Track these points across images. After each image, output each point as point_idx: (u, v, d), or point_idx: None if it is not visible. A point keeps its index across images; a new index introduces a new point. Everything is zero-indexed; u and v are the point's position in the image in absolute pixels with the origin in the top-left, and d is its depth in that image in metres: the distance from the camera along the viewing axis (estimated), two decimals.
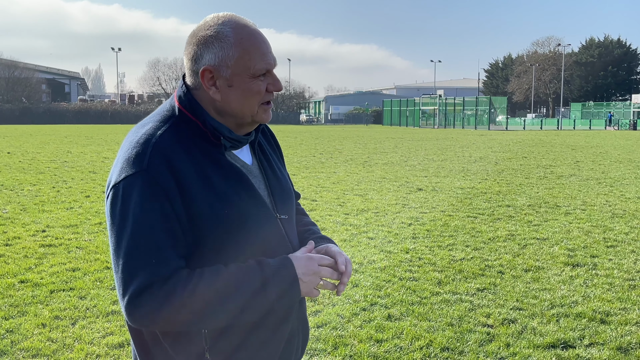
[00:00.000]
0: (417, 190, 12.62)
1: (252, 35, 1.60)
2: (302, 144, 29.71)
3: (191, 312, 1.47)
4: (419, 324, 4.91)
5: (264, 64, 1.60)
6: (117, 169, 1.54)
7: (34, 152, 22.38)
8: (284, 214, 1.72)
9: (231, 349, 1.60)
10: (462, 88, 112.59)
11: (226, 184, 1.58)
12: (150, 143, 1.53)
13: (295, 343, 1.75)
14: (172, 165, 1.51)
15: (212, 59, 1.57)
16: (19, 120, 65.26)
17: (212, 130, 1.59)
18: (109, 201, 1.53)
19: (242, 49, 1.57)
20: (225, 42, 1.57)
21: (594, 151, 25.03)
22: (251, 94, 1.59)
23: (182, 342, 1.57)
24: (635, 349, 4.48)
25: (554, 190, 12.62)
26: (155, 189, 1.49)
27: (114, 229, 1.50)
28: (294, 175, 15.36)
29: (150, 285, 1.45)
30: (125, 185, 1.50)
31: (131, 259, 1.47)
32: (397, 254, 7.11)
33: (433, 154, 23.02)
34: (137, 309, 1.46)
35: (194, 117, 1.60)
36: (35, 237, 7.95)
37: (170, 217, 1.50)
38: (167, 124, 1.60)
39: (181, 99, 1.63)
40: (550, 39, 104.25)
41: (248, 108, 1.61)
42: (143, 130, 1.58)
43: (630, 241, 7.88)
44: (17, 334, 4.67)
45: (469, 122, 64.64)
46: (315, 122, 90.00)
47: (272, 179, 1.73)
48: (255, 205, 1.62)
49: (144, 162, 1.50)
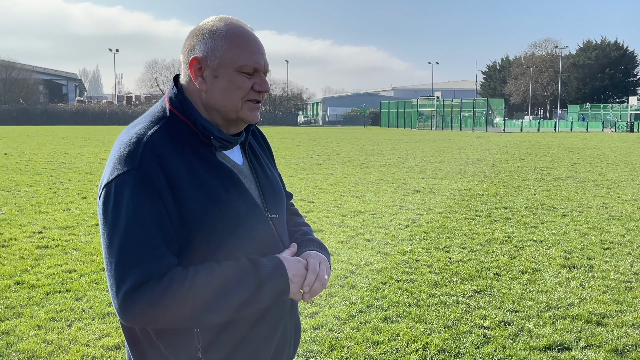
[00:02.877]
0: (414, 192, 12.63)
1: (245, 34, 1.64)
2: (299, 146, 29.71)
3: (186, 309, 1.48)
4: (416, 326, 4.91)
5: (252, 62, 1.62)
6: (109, 168, 1.56)
7: (31, 153, 22.34)
8: (275, 214, 1.74)
9: (225, 348, 1.61)
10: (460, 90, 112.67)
11: (217, 184, 1.60)
12: (142, 142, 1.55)
13: (288, 342, 1.77)
14: (164, 164, 1.53)
15: (202, 49, 1.61)
16: (16, 121, 65.17)
17: (202, 130, 1.62)
18: (102, 200, 1.54)
19: (232, 43, 1.61)
20: (217, 34, 1.61)
21: (591, 153, 25.07)
22: (234, 87, 1.62)
23: (175, 341, 1.58)
24: (631, 351, 4.48)
25: (551, 192, 12.64)
26: (147, 187, 1.50)
27: (106, 227, 1.51)
28: (291, 176, 15.37)
29: (146, 281, 1.46)
30: (117, 184, 1.51)
31: (125, 255, 1.47)
32: (394, 256, 7.11)
33: (430, 156, 23.04)
34: (131, 306, 1.46)
35: (185, 117, 1.63)
36: (32, 238, 7.93)
37: (162, 215, 1.51)
38: (158, 124, 1.61)
39: (172, 100, 1.65)
40: (548, 41, 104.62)
41: (231, 102, 1.62)
42: (134, 130, 1.60)
43: (626, 243, 7.89)
44: (13, 336, 4.66)
45: (466, 123, 64.71)
46: (312, 124, 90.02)
47: (262, 179, 1.76)
48: (246, 204, 1.64)
49: (135, 160, 1.52)
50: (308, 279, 1.63)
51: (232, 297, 1.52)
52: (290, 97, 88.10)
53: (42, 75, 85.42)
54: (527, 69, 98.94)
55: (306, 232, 1.88)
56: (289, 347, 1.78)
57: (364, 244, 7.75)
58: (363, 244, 7.79)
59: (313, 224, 9.01)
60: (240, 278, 1.53)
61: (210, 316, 1.51)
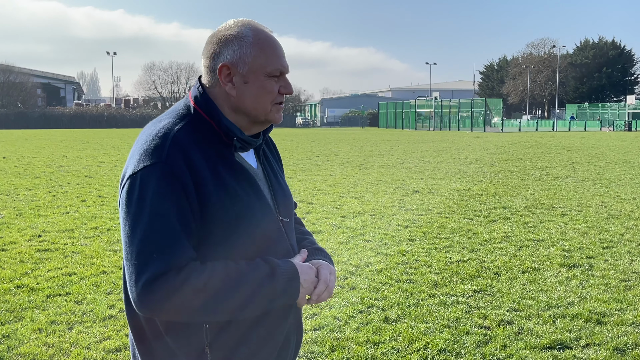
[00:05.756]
0: (413, 193, 12.64)
1: (270, 38, 1.69)
2: (298, 147, 29.71)
3: (201, 304, 1.51)
4: (416, 326, 4.91)
5: (279, 66, 1.68)
6: (135, 159, 1.58)
7: (30, 157, 22.33)
8: (286, 217, 1.80)
9: (231, 345, 1.63)
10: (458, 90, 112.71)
11: (236, 183, 1.64)
12: (169, 137, 1.58)
13: (291, 342, 1.79)
14: (188, 160, 1.56)
15: (230, 55, 1.64)
16: (14, 124, 65.09)
17: (225, 131, 1.65)
18: (125, 190, 1.56)
19: (260, 49, 1.65)
20: (244, 41, 1.65)
21: (589, 152, 25.10)
22: (265, 91, 1.66)
23: (184, 336, 1.61)
24: (631, 349, 4.49)
25: (550, 192, 12.65)
26: (172, 181, 1.53)
27: (129, 217, 1.53)
28: (290, 178, 15.37)
29: (166, 272, 1.48)
30: (143, 175, 1.53)
31: (147, 246, 1.49)
32: (394, 257, 7.11)
33: (429, 156, 23.05)
34: (149, 296, 1.48)
35: (209, 117, 1.66)
36: (31, 242, 7.93)
37: (185, 209, 1.54)
38: (183, 121, 1.65)
39: (197, 99, 1.68)
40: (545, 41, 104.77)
41: (261, 106, 1.67)
42: (160, 125, 1.63)
43: (625, 242, 7.91)
44: (14, 339, 4.66)
45: (464, 124, 64.71)
46: (311, 125, 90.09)
47: (275, 183, 1.80)
48: (261, 206, 1.68)
49: (162, 154, 1.55)
50: (319, 288, 1.69)
51: (246, 296, 1.55)
52: (288, 99, 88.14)
53: (39, 78, 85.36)
54: (524, 69, 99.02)
55: (313, 242, 1.93)
56: (292, 347, 1.80)
57: (364, 245, 7.76)
58: (363, 244, 7.79)
59: (312, 225, 9.01)
60: (256, 278, 1.57)
61: (223, 312, 1.55)
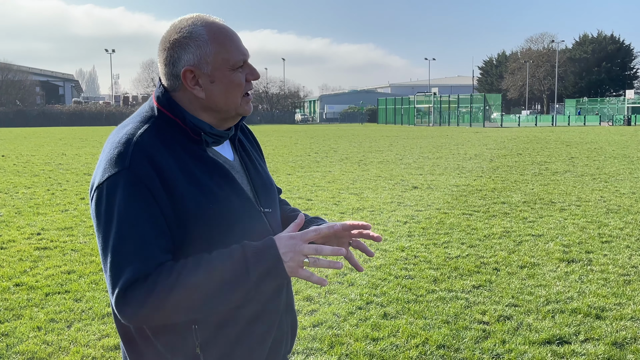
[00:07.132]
0: (412, 189, 12.64)
1: (224, 29, 1.64)
2: (297, 144, 29.70)
3: (178, 303, 1.47)
4: (415, 322, 4.91)
5: (240, 55, 1.63)
6: (100, 169, 1.56)
7: (29, 155, 22.31)
8: (268, 208, 1.75)
9: (222, 345, 1.61)
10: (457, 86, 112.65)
11: (210, 180, 1.60)
12: (132, 142, 1.55)
13: (285, 337, 1.77)
14: (155, 162, 1.53)
15: (190, 59, 1.60)
16: (13, 123, 64.98)
17: (192, 127, 1.62)
18: (94, 202, 1.55)
19: (218, 44, 1.61)
20: (200, 40, 1.60)
21: (588, 147, 25.10)
22: (233, 85, 1.63)
23: (173, 339, 1.58)
24: (630, 343, 4.49)
25: (549, 187, 12.65)
26: (138, 187, 1.50)
27: (100, 229, 1.52)
28: (289, 174, 15.37)
29: (135, 281, 1.46)
30: (108, 185, 1.51)
31: (117, 256, 1.48)
32: (393, 252, 7.11)
33: (428, 152, 23.04)
34: (124, 306, 1.47)
35: (173, 115, 1.63)
36: (30, 240, 7.93)
37: (155, 214, 1.51)
38: (147, 123, 1.62)
39: (159, 99, 1.65)
40: (544, 36, 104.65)
41: (232, 101, 1.64)
42: (124, 131, 1.60)
43: (625, 236, 7.91)
44: (13, 338, 4.66)
45: (463, 119, 64.73)
46: (310, 122, 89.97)
47: (253, 174, 1.77)
48: (239, 199, 1.64)
49: (126, 161, 1.52)
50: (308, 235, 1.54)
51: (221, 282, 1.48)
52: (287, 95, 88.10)
53: (38, 76, 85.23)
54: (523, 64, 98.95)
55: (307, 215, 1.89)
56: (286, 343, 1.79)
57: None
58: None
59: None
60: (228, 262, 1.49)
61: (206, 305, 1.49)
